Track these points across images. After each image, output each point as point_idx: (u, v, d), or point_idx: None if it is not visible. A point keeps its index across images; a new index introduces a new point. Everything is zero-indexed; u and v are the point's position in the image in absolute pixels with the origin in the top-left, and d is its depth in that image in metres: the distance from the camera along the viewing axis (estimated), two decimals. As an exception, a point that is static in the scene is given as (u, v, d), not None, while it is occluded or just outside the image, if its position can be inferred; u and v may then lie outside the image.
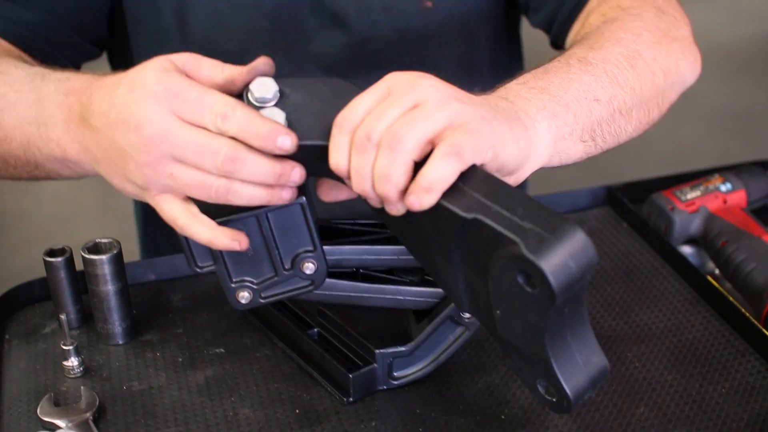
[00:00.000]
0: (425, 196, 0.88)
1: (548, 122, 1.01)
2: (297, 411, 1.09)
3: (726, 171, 1.40)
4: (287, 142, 0.92)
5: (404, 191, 0.89)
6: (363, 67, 1.37)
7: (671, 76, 1.18)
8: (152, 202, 0.98)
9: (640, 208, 1.40)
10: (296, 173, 0.94)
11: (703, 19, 4.68)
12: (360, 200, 0.96)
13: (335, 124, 0.92)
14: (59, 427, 1.06)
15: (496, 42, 1.49)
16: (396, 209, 0.91)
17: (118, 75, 0.99)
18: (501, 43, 1.51)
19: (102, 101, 0.98)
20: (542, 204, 0.87)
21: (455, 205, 0.88)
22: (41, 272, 1.28)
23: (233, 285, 1.03)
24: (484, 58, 1.47)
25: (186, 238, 1.00)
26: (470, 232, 0.87)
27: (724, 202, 1.35)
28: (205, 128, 0.92)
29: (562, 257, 0.83)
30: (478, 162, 0.90)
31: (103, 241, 1.18)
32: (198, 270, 1.02)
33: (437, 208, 0.89)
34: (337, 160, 0.92)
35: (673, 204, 1.34)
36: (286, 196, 0.95)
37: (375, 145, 0.90)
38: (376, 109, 0.91)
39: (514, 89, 1.03)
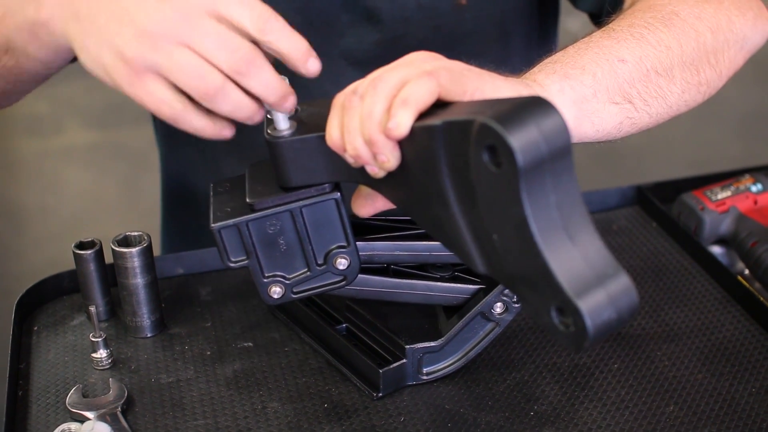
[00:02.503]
0: (401, 111, 0.87)
1: (560, 84, 1.00)
2: (325, 405, 1.09)
3: (757, 172, 1.39)
4: (315, 65, 0.94)
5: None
6: None
7: (722, 33, 1.13)
8: (129, 81, 0.92)
9: (670, 208, 1.39)
10: (291, 101, 0.95)
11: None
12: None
13: (331, 107, 0.94)
14: (88, 418, 1.06)
15: (530, 40, 1.49)
16: (384, 155, 0.90)
17: None
18: (534, 41, 1.50)
19: None
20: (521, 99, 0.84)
21: (428, 121, 0.87)
22: (64, 267, 1.29)
23: (265, 280, 1.02)
24: (518, 57, 1.46)
25: (220, 234, 1.00)
26: (447, 145, 0.85)
27: (755, 202, 1.34)
28: (240, 27, 0.91)
29: (519, 119, 0.79)
30: (458, 95, 0.90)
31: (133, 234, 1.18)
32: (231, 265, 1.01)
33: (416, 137, 0.87)
34: (331, 133, 0.93)
35: (703, 204, 1.34)
36: (257, 118, 0.95)
37: (360, 95, 0.91)
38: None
39: (527, 72, 1.03)
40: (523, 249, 0.81)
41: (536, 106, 0.81)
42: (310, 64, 0.94)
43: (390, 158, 0.90)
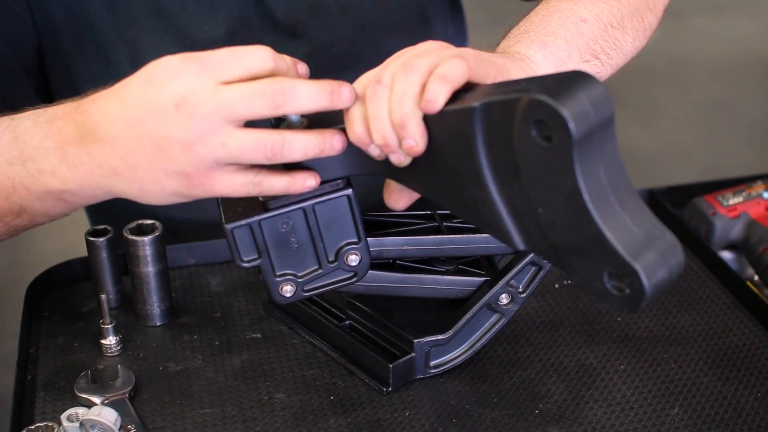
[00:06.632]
0: (438, 85, 0.88)
1: (542, 52, 1.05)
2: (331, 398, 1.09)
3: (769, 178, 1.39)
4: (348, 93, 0.92)
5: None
6: (330, 72, 1.22)
7: None
8: (202, 190, 0.93)
9: (682, 212, 1.40)
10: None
11: (743, 31, 4.66)
12: None
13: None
14: (95, 404, 1.07)
15: (445, 20, 1.50)
16: (413, 138, 0.90)
17: (109, 88, 0.95)
18: (448, 20, 1.51)
19: (108, 109, 0.93)
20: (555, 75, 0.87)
21: (463, 103, 0.88)
22: (75, 255, 1.30)
23: (277, 279, 1.02)
24: (439, 38, 1.46)
25: (233, 234, 0.99)
26: (486, 125, 0.87)
27: (766, 209, 1.34)
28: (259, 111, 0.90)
29: (569, 91, 0.81)
30: (482, 79, 0.92)
31: (146, 222, 1.19)
32: (243, 264, 1.01)
33: (446, 120, 0.89)
34: (354, 128, 0.92)
35: (714, 209, 1.34)
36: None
37: (386, 85, 0.91)
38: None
39: (502, 45, 1.08)
40: (575, 218, 0.84)
41: (580, 78, 0.84)
42: (344, 97, 0.92)
43: (419, 142, 0.90)
